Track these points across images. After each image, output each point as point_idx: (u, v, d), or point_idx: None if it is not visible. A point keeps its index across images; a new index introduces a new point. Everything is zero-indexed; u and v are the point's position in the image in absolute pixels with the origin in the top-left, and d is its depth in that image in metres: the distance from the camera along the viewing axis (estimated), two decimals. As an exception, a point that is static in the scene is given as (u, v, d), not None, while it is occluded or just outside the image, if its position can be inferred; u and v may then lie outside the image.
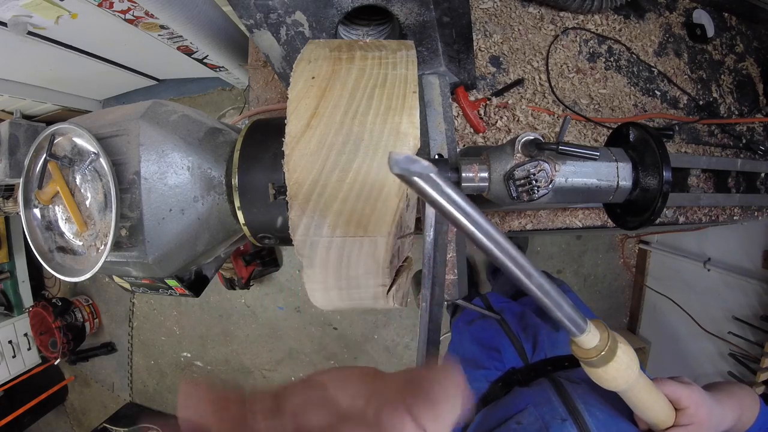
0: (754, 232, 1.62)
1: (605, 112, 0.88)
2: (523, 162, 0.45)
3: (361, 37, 0.70)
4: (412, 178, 0.22)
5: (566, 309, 0.36)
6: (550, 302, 0.34)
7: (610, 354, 0.41)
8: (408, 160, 0.22)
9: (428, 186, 0.23)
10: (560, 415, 0.64)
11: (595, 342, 0.40)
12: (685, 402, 0.54)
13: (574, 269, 2.30)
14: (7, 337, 2.44)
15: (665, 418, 0.54)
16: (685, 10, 0.98)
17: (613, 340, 0.41)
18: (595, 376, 0.43)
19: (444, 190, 0.23)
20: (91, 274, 0.43)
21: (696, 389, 0.55)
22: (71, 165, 0.44)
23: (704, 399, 0.55)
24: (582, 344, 0.40)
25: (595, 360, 0.40)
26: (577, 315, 0.37)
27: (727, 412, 0.59)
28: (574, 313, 0.37)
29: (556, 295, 0.34)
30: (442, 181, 0.23)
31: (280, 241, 0.50)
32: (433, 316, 0.56)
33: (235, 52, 1.55)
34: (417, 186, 0.23)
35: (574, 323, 0.37)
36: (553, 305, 0.35)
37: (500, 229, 0.28)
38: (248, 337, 2.50)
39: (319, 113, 0.38)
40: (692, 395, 0.54)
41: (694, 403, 0.54)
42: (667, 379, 0.56)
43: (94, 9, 1.33)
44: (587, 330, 0.38)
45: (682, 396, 0.54)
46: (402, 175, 0.23)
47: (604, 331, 0.41)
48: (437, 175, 0.23)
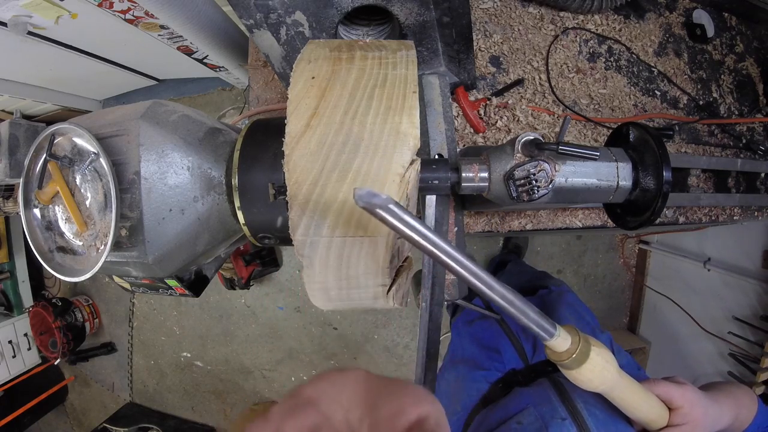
0: (754, 232, 1.62)
1: (605, 112, 0.88)
2: (523, 162, 0.45)
3: (361, 37, 0.70)
4: (375, 210, 0.26)
5: (532, 315, 0.38)
6: (515, 310, 0.36)
7: (583, 356, 0.43)
8: (369, 194, 0.26)
9: (388, 215, 0.26)
10: (560, 414, 0.64)
11: (566, 345, 0.42)
12: (679, 402, 0.54)
13: (574, 269, 2.30)
14: (7, 337, 2.44)
15: (656, 418, 0.54)
16: (685, 10, 0.98)
17: (585, 343, 0.43)
18: (571, 378, 0.45)
19: (402, 217, 0.26)
20: (91, 274, 0.43)
21: (689, 388, 0.55)
22: (71, 165, 0.44)
23: (698, 398, 0.55)
24: (554, 348, 0.42)
25: (568, 362, 0.43)
26: (544, 320, 0.39)
27: (723, 411, 0.59)
28: (541, 318, 0.38)
29: (520, 303, 0.36)
30: (399, 210, 0.26)
31: (280, 241, 0.50)
32: (433, 316, 0.56)
33: (235, 52, 1.55)
34: (379, 216, 0.26)
35: (542, 328, 0.39)
36: (518, 313, 0.36)
37: (457, 248, 0.31)
38: (248, 337, 2.50)
39: (319, 113, 0.38)
40: (685, 394, 0.54)
41: (687, 402, 0.54)
42: (660, 380, 0.56)
43: (94, 9, 1.33)
44: (557, 334, 0.41)
45: (674, 396, 0.54)
46: (366, 208, 0.26)
47: (575, 335, 0.43)
48: (395, 206, 0.26)
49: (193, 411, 2.67)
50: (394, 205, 0.26)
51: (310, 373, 2.44)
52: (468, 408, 0.80)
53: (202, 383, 2.63)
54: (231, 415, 2.57)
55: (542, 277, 1.31)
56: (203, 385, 2.63)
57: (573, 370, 0.43)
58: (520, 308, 0.36)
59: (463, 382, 0.85)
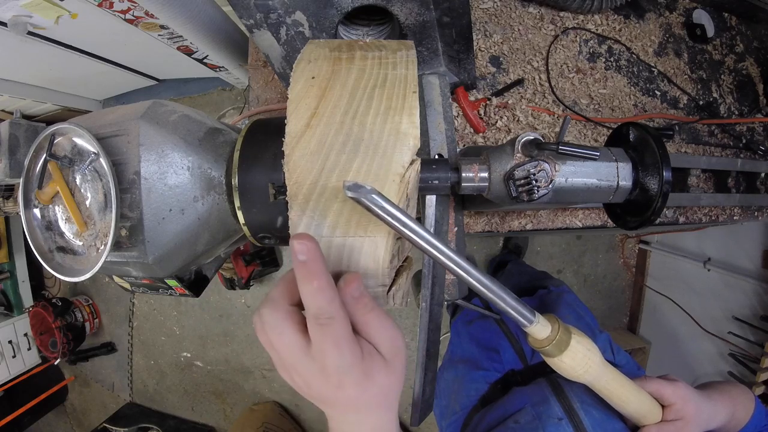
0: (754, 232, 1.62)
1: (605, 112, 0.88)
2: (523, 162, 0.45)
3: (361, 37, 0.70)
4: (361, 198, 0.31)
5: (510, 301, 0.38)
6: (493, 295, 0.36)
7: (563, 343, 0.43)
8: (356, 186, 0.31)
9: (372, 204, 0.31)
10: (556, 414, 0.64)
11: (546, 333, 0.43)
12: (671, 398, 0.54)
13: (574, 269, 2.30)
14: (7, 337, 2.44)
15: (647, 413, 0.54)
16: (685, 10, 0.98)
17: (565, 331, 0.44)
18: (554, 366, 0.46)
19: (383, 205, 0.31)
20: (91, 274, 0.42)
21: (682, 385, 0.56)
22: (71, 165, 0.44)
23: (691, 395, 0.55)
24: (534, 334, 0.43)
25: (548, 349, 0.43)
26: (522, 307, 0.40)
27: (718, 408, 0.59)
28: (519, 305, 0.39)
29: (498, 289, 0.36)
30: (381, 199, 0.31)
31: (280, 241, 0.50)
32: (433, 316, 0.56)
33: (235, 52, 1.55)
34: (365, 204, 0.31)
35: (520, 314, 0.40)
36: (496, 298, 0.37)
37: (436, 235, 0.34)
38: (248, 337, 2.50)
39: (319, 113, 0.38)
40: (677, 391, 0.54)
41: (680, 399, 0.54)
42: (652, 377, 0.57)
43: (94, 9, 1.33)
44: (536, 321, 0.41)
45: (666, 392, 0.54)
46: (354, 198, 0.31)
47: (555, 323, 0.44)
48: (378, 195, 0.31)
49: (193, 411, 2.67)
50: (377, 195, 0.31)
51: (310, 373, 2.43)
52: (467, 408, 0.80)
53: (202, 383, 2.63)
54: (231, 415, 2.57)
55: (542, 277, 1.31)
56: (203, 385, 2.63)
57: (555, 358, 0.44)
58: (497, 293, 0.36)
59: (462, 382, 0.85)
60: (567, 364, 0.44)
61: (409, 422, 0.57)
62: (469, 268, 0.34)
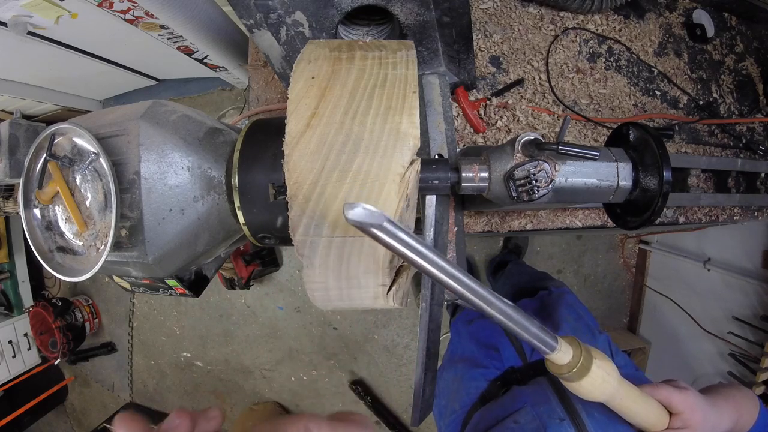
0: (754, 232, 1.62)
1: (605, 112, 0.88)
2: (523, 162, 0.45)
3: (361, 37, 0.70)
4: (369, 229, 0.23)
5: (533, 330, 0.37)
6: (516, 326, 0.35)
7: (584, 370, 0.42)
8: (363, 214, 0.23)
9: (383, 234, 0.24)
10: (558, 414, 0.64)
11: (567, 359, 0.41)
12: (679, 407, 0.54)
13: (574, 269, 2.30)
14: (7, 337, 2.44)
15: (655, 422, 0.54)
16: (685, 10, 0.98)
17: (587, 357, 0.42)
18: (571, 389, 0.45)
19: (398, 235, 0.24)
20: (91, 274, 0.43)
21: (690, 393, 0.56)
22: (71, 165, 0.44)
23: (698, 403, 0.55)
24: (555, 361, 0.42)
25: (568, 375, 0.42)
26: (545, 334, 0.38)
27: (723, 415, 0.59)
28: (542, 333, 0.38)
29: (521, 318, 0.35)
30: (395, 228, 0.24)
31: (280, 241, 0.50)
32: (433, 316, 0.56)
33: (235, 52, 1.55)
34: (373, 234, 0.24)
35: (543, 342, 0.39)
36: (519, 329, 0.36)
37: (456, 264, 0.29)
38: (248, 337, 2.50)
39: (319, 113, 0.38)
40: (686, 400, 0.54)
41: (688, 407, 0.54)
42: (661, 384, 0.56)
43: (94, 9, 1.33)
44: (558, 348, 0.40)
45: (675, 400, 0.54)
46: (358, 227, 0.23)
47: (576, 348, 0.42)
48: (390, 223, 0.23)
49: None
50: (388, 223, 0.24)
51: (310, 373, 2.44)
52: (467, 406, 0.80)
53: (202, 383, 2.63)
54: (231, 415, 2.57)
55: (542, 278, 1.31)
56: (203, 385, 2.63)
57: (573, 383, 0.43)
58: (520, 324, 0.35)
59: (461, 381, 0.85)
60: (586, 390, 0.43)
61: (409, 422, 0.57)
62: (492, 299, 0.33)
